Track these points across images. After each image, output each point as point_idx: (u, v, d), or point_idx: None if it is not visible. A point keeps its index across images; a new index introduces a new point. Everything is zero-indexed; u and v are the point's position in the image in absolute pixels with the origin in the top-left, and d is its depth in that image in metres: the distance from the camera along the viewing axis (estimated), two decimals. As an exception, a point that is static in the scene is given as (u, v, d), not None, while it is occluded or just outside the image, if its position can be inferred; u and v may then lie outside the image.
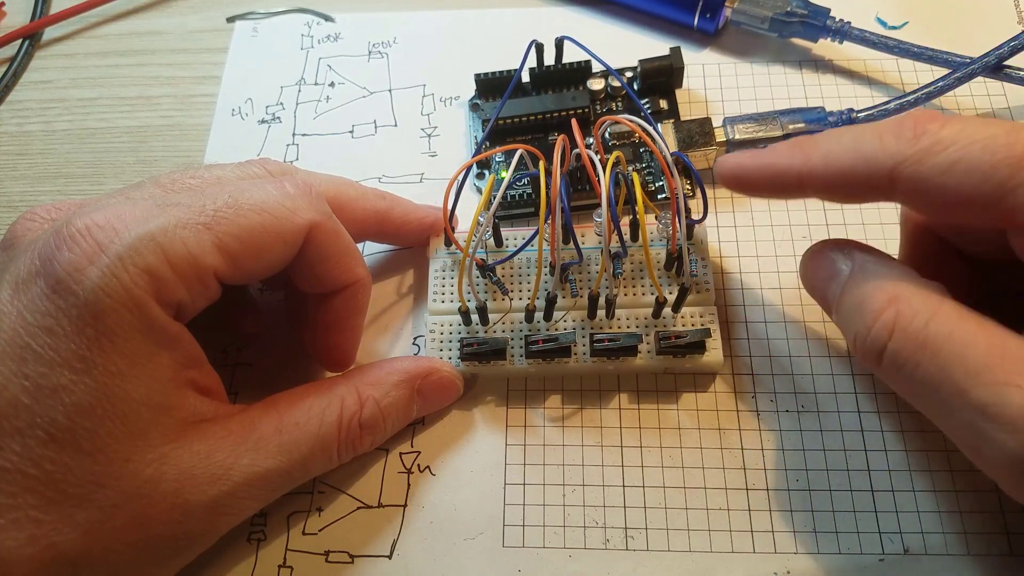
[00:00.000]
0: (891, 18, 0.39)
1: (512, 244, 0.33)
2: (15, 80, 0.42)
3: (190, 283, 0.24)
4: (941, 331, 0.21)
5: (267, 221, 0.25)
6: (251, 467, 0.25)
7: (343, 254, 0.28)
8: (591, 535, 0.29)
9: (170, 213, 0.24)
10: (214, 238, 0.24)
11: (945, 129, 0.22)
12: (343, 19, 0.42)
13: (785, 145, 0.26)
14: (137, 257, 0.23)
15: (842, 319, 0.25)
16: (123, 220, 0.23)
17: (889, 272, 0.24)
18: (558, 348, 0.29)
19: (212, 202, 0.25)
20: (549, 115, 0.36)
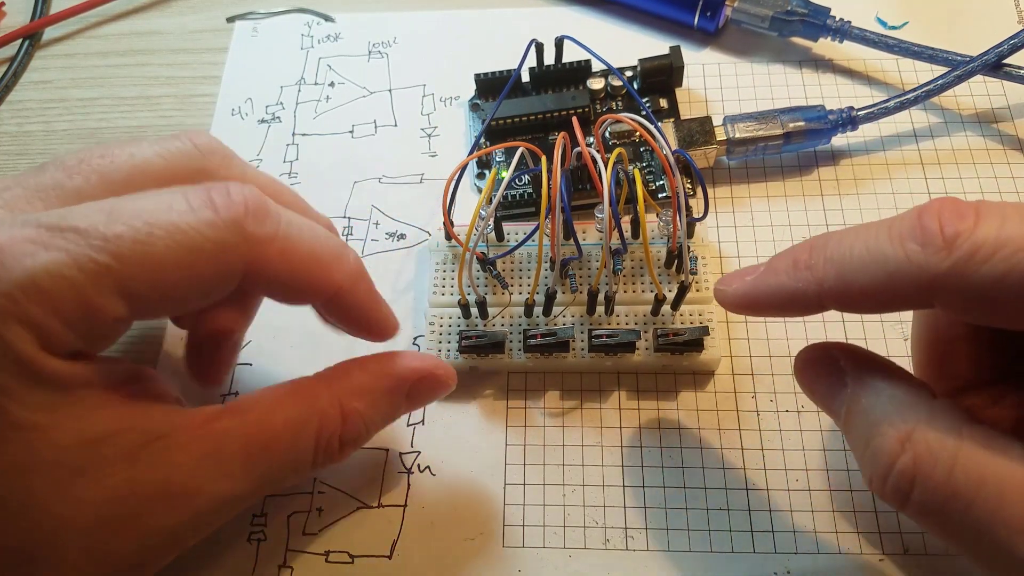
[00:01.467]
0: (891, 18, 0.39)
1: (514, 239, 0.33)
2: (15, 80, 0.42)
3: (83, 333, 0.20)
4: (970, 479, 0.19)
5: (185, 259, 0.20)
6: (214, 491, 0.22)
7: (307, 270, 0.23)
8: (591, 535, 0.29)
9: (61, 244, 0.19)
10: (114, 282, 0.20)
11: (980, 229, 0.19)
12: (343, 19, 0.42)
13: (787, 263, 0.23)
14: (15, 308, 0.19)
15: (852, 447, 0.22)
16: (3, 252, 0.19)
17: (897, 396, 0.21)
18: (556, 343, 0.29)
19: (116, 228, 0.20)
20: (549, 115, 0.36)
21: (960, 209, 0.19)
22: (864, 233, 0.21)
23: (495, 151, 0.36)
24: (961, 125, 0.36)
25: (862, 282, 0.21)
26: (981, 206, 0.19)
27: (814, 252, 0.22)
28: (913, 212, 0.20)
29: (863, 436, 0.21)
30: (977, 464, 0.19)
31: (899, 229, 0.20)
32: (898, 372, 0.23)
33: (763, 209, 0.35)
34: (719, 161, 0.36)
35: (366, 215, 0.36)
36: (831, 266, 0.22)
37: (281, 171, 0.38)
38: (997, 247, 0.18)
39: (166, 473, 0.21)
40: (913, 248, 0.20)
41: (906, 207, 0.34)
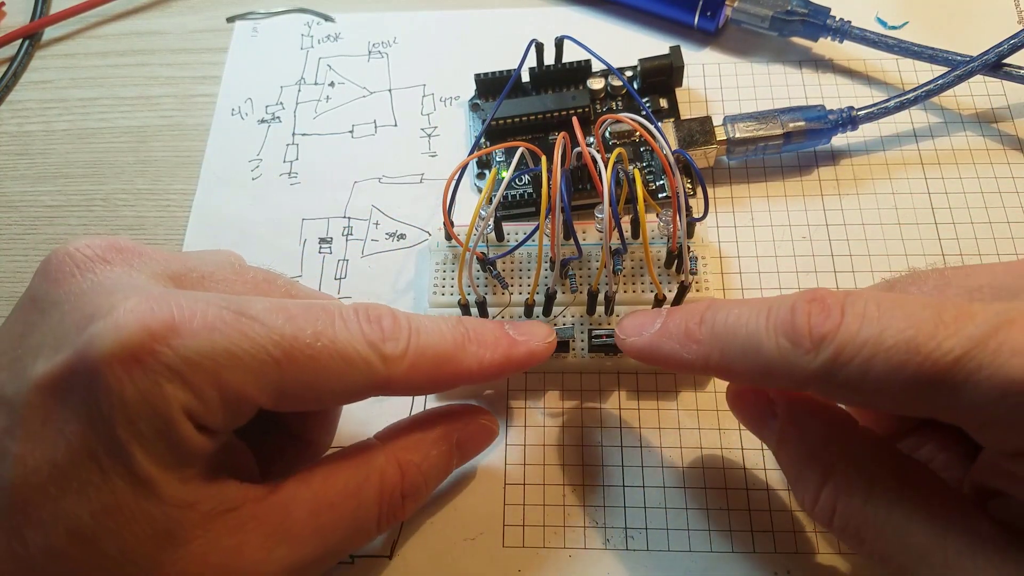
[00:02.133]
0: (891, 18, 0.39)
1: (514, 239, 0.32)
2: (15, 80, 0.42)
3: (228, 413, 0.21)
4: (880, 511, 0.21)
5: (341, 371, 0.22)
6: (285, 559, 0.23)
7: (434, 375, 0.25)
8: (591, 535, 0.29)
9: (244, 330, 0.21)
10: (278, 378, 0.21)
11: (842, 331, 0.20)
12: (343, 19, 0.42)
13: (680, 330, 0.24)
14: (188, 373, 0.20)
15: (784, 472, 0.25)
16: (189, 321, 0.21)
17: (822, 429, 0.23)
18: (556, 343, 0.29)
19: (293, 332, 0.22)
20: (549, 115, 0.36)
21: (828, 307, 0.20)
22: (747, 315, 0.22)
23: (495, 151, 0.36)
24: (961, 125, 0.36)
25: (741, 367, 0.22)
26: (846, 303, 0.20)
27: (703, 325, 0.23)
28: (787, 304, 0.21)
29: (794, 465, 0.24)
30: (887, 494, 0.21)
31: (775, 320, 0.21)
32: (824, 405, 0.24)
33: (763, 209, 0.35)
34: (719, 161, 0.36)
35: (366, 215, 0.36)
36: (716, 344, 0.23)
37: (281, 171, 0.38)
38: (857, 349, 0.19)
39: (240, 541, 0.22)
40: (784, 345, 0.21)
41: (906, 207, 0.34)
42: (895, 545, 0.21)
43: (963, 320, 0.18)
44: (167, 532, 0.21)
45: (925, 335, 0.18)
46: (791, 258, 0.33)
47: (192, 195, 0.37)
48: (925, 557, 0.20)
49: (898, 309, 0.19)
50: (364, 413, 0.31)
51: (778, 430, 0.24)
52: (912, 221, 0.34)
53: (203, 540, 0.22)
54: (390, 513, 0.25)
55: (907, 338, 0.19)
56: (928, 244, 0.33)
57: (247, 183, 0.37)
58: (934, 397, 0.19)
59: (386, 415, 0.31)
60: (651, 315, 0.25)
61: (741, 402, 0.26)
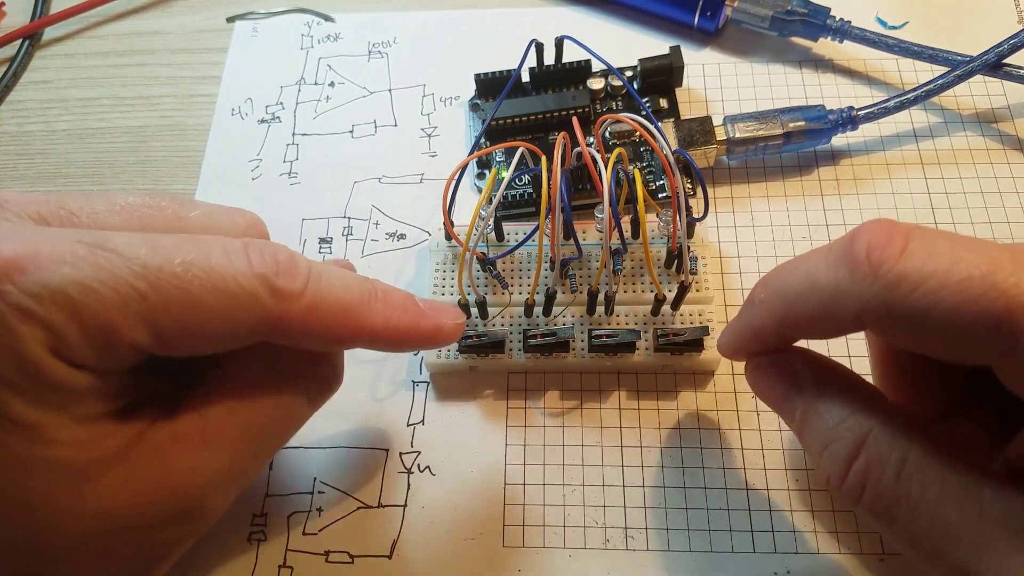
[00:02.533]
0: (891, 18, 0.39)
1: (514, 239, 0.33)
2: (15, 80, 0.42)
3: (99, 350, 0.20)
4: (913, 487, 0.20)
5: (219, 304, 0.21)
6: (216, 461, 0.22)
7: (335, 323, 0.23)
8: (591, 535, 0.29)
9: (100, 262, 0.20)
10: (144, 311, 0.20)
11: (907, 258, 0.19)
12: (343, 19, 0.42)
13: (747, 303, 0.24)
14: (39, 308, 0.19)
15: (808, 450, 0.23)
16: (38, 255, 0.19)
17: (853, 402, 0.22)
18: (556, 343, 0.29)
19: (158, 262, 0.20)
20: (549, 115, 0.36)
21: (891, 233, 0.19)
22: (807, 260, 0.21)
23: (495, 151, 0.36)
24: (961, 125, 0.36)
25: (803, 311, 0.22)
26: (913, 232, 0.19)
27: (766, 285, 0.23)
28: (847, 235, 0.20)
29: (820, 439, 0.22)
30: (921, 472, 0.20)
31: (834, 252, 0.20)
32: (854, 378, 0.24)
33: (763, 209, 0.35)
34: (719, 161, 0.36)
35: (366, 215, 0.36)
36: (777, 297, 0.22)
37: (281, 171, 0.38)
38: (922, 279, 0.18)
39: (162, 460, 0.22)
40: (842, 274, 0.20)
41: (906, 207, 0.34)
42: (927, 524, 0.20)
43: None
44: (73, 471, 0.20)
45: (1004, 272, 0.18)
46: (791, 258, 0.33)
47: (192, 195, 0.37)
48: (957, 537, 0.19)
49: (974, 246, 0.18)
50: (365, 414, 0.31)
51: (804, 402, 0.23)
52: (912, 221, 0.34)
53: (121, 469, 0.21)
54: (317, 384, 0.25)
55: (983, 273, 0.18)
56: (928, 244, 0.33)
57: (247, 183, 0.37)
58: (999, 340, 0.18)
59: (386, 415, 0.31)
60: None
61: (762, 375, 0.25)
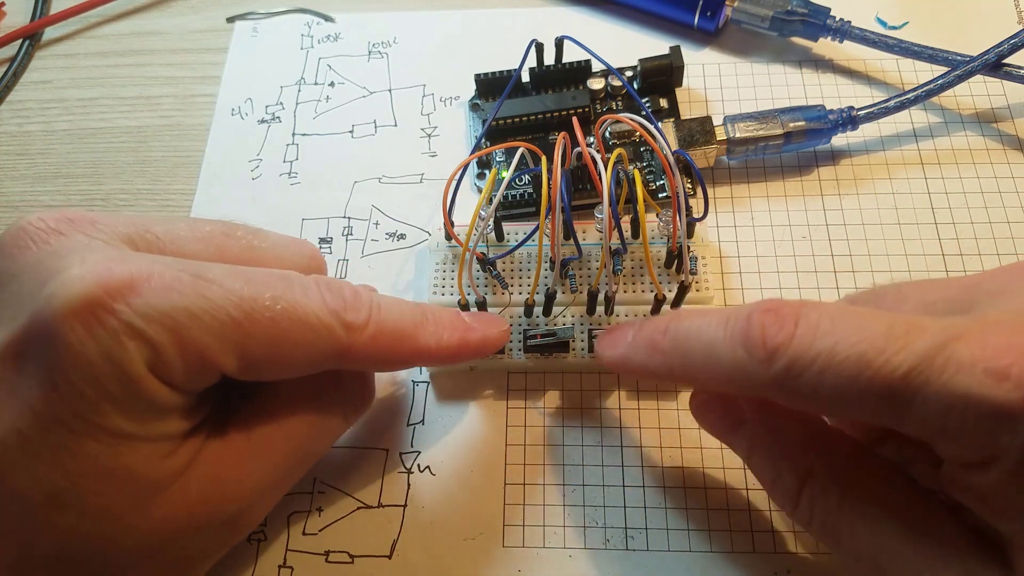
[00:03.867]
0: (891, 18, 0.39)
1: (514, 239, 0.32)
2: (15, 80, 0.42)
3: (191, 372, 0.22)
4: (855, 512, 0.22)
5: (303, 337, 0.23)
6: (261, 471, 0.24)
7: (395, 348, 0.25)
8: (591, 535, 0.29)
9: (205, 291, 0.21)
10: (239, 338, 0.22)
11: (796, 342, 0.20)
12: (343, 19, 0.42)
13: (647, 342, 0.24)
14: (149, 330, 0.20)
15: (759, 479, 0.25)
16: (150, 281, 0.21)
17: (796, 433, 0.24)
18: (556, 343, 0.29)
19: (253, 295, 0.22)
20: (549, 115, 0.36)
21: (781, 316, 0.20)
22: (706, 325, 0.22)
23: (495, 151, 0.36)
24: (961, 125, 0.36)
25: (702, 375, 0.23)
26: (800, 314, 0.20)
27: (667, 336, 0.24)
28: (744, 314, 0.21)
29: (768, 472, 0.24)
30: (862, 498, 0.22)
31: (732, 329, 0.21)
32: (794, 411, 0.24)
33: (763, 209, 0.35)
34: (719, 161, 0.36)
35: (366, 215, 0.36)
36: (677, 354, 0.23)
37: (281, 171, 0.38)
38: (810, 362, 0.20)
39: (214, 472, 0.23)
40: (741, 354, 0.21)
41: (906, 207, 0.34)
42: (869, 545, 0.21)
43: (913, 334, 0.19)
44: (147, 485, 0.22)
45: (875, 350, 0.19)
46: (791, 258, 0.33)
47: (192, 195, 0.37)
48: (897, 557, 0.21)
49: (851, 322, 0.20)
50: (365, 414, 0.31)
51: (749, 436, 0.25)
52: (912, 221, 0.34)
53: (181, 483, 0.23)
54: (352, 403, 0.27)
55: (858, 352, 0.19)
56: (928, 244, 0.33)
57: (247, 183, 0.37)
58: (887, 409, 0.19)
59: (386, 415, 0.31)
60: (625, 328, 0.26)
61: (707, 411, 0.26)
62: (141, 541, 0.22)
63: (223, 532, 0.25)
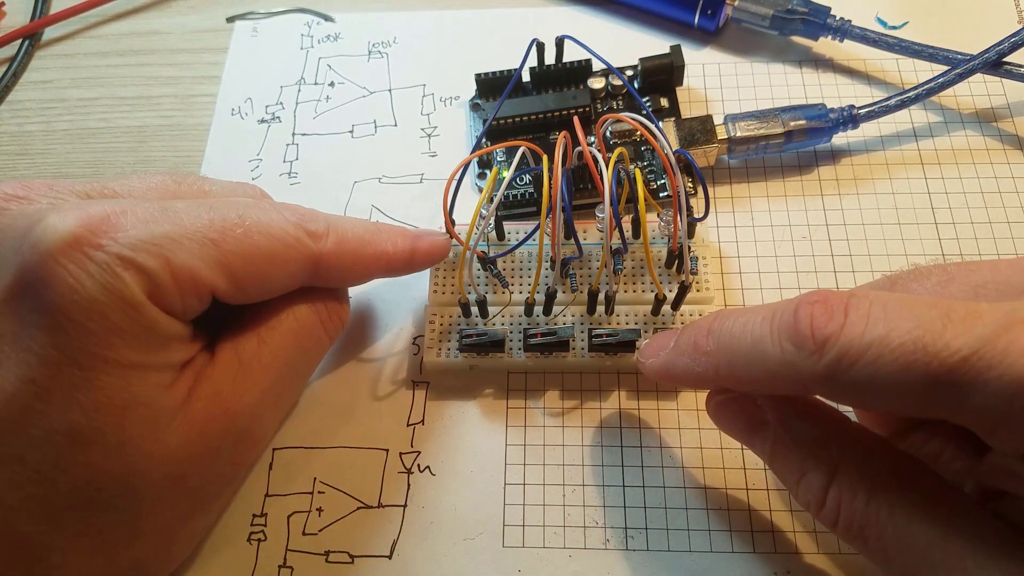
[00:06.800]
0: (891, 18, 0.39)
1: (514, 238, 0.32)
2: (15, 80, 0.42)
3: (186, 295, 0.23)
4: (883, 512, 0.21)
5: (275, 248, 0.25)
6: (257, 385, 0.26)
7: (360, 253, 0.28)
8: (591, 535, 0.28)
9: (177, 220, 0.23)
10: (220, 255, 0.23)
11: (846, 332, 0.19)
12: (343, 19, 0.42)
13: (689, 345, 0.24)
14: (139, 258, 0.22)
15: (782, 480, 0.24)
16: (125, 216, 0.22)
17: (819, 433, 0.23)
18: (556, 342, 0.29)
19: (221, 217, 0.24)
20: (550, 114, 0.35)
21: (831, 306, 0.20)
22: (752, 321, 0.22)
23: (496, 150, 0.36)
24: (961, 124, 0.36)
25: (749, 375, 0.22)
26: (850, 304, 0.20)
27: (711, 337, 0.23)
28: (791, 307, 0.21)
29: (794, 472, 0.23)
30: (889, 495, 0.21)
31: (779, 324, 0.21)
32: (817, 404, 0.24)
33: (763, 209, 0.35)
34: (719, 160, 0.36)
35: (366, 215, 0.36)
36: (723, 354, 0.23)
37: (281, 171, 0.38)
38: (862, 351, 0.19)
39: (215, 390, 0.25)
40: (788, 348, 0.21)
41: (906, 207, 0.34)
42: (897, 546, 0.21)
43: (971, 319, 0.18)
44: (159, 414, 0.23)
45: (933, 335, 0.18)
46: (791, 258, 0.33)
47: (192, 195, 0.37)
48: (926, 557, 0.20)
49: (904, 309, 0.19)
50: (365, 414, 0.31)
51: (772, 438, 0.24)
52: (912, 221, 0.34)
53: (187, 409, 0.24)
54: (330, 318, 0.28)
55: (914, 338, 0.18)
56: (928, 244, 0.33)
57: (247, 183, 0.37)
58: (942, 398, 0.19)
59: (386, 415, 0.31)
60: (667, 335, 0.26)
61: (725, 412, 0.26)
62: (162, 470, 0.23)
63: (235, 451, 0.26)
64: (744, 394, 0.25)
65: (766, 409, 0.24)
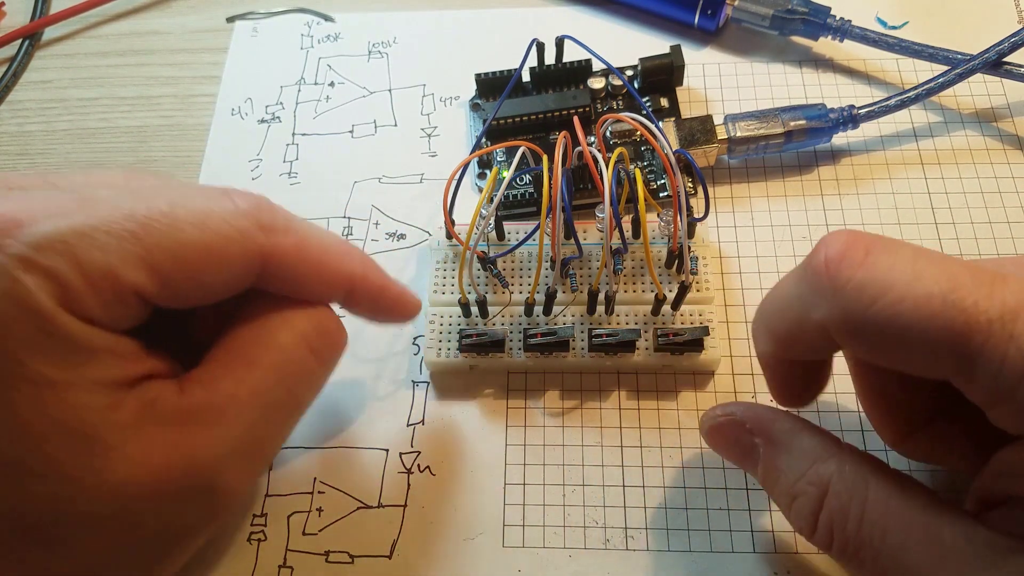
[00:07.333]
0: (891, 18, 0.39)
1: (514, 238, 0.32)
2: (15, 80, 0.42)
3: (104, 298, 0.20)
4: (876, 533, 0.21)
5: (209, 240, 0.21)
6: (231, 433, 0.22)
7: (322, 263, 0.24)
8: (591, 535, 0.28)
9: (90, 211, 0.20)
10: (140, 250, 0.20)
11: (865, 271, 0.19)
12: (343, 19, 0.42)
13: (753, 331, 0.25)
14: (40, 258, 0.19)
15: (776, 502, 0.24)
16: (31, 212, 0.19)
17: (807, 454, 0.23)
18: (556, 342, 0.29)
19: (145, 206, 0.21)
20: (550, 114, 0.36)
21: (850, 244, 0.19)
22: (783, 280, 0.22)
23: (496, 150, 0.36)
24: (961, 124, 0.36)
25: (782, 329, 0.22)
26: (875, 242, 0.19)
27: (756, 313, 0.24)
28: (815, 248, 0.20)
29: (785, 495, 0.23)
30: (881, 517, 0.21)
31: (800, 268, 0.20)
32: (805, 427, 0.24)
33: (763, 209, 0.35)
34: (719, 160, 0.36)
35: (366, 215, 0.36)
36: (762, 321, 0.23)
37: (281, 171, 0.38)
38: (882, 291, 0.18)
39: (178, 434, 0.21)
40: (805, 288, 0.20)
41: (906, 206, 0.34)
42: (893, 567, 0.21)
43: (998, 284, 0.18)
44: (90, 439, 0.20)
45: (965, 290, 0.18)
46: (791, 258, 0.33)
47: (192, 195, 0.37)
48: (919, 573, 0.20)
49: (935, 261, 0.19)
50: (365, 414, 0.31)
51: (762, 463, 0.24)
52: (912, 221, 0.34)
53: (137, 442, 0.20)
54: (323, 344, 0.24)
55: (943, 290, 0.18)
56: (928, 244, 0.33)
57: (247, 183, 0.37)
58: (957, 358, 0.18)
59: (386, 415, 0.31)
60: None
61: (717, 438, 0.26)
62: (100, 506, 0.20)
63: (200, 504, 0.22)
64: (733, 420, 0.25)
65: (755, 433, 0.24)
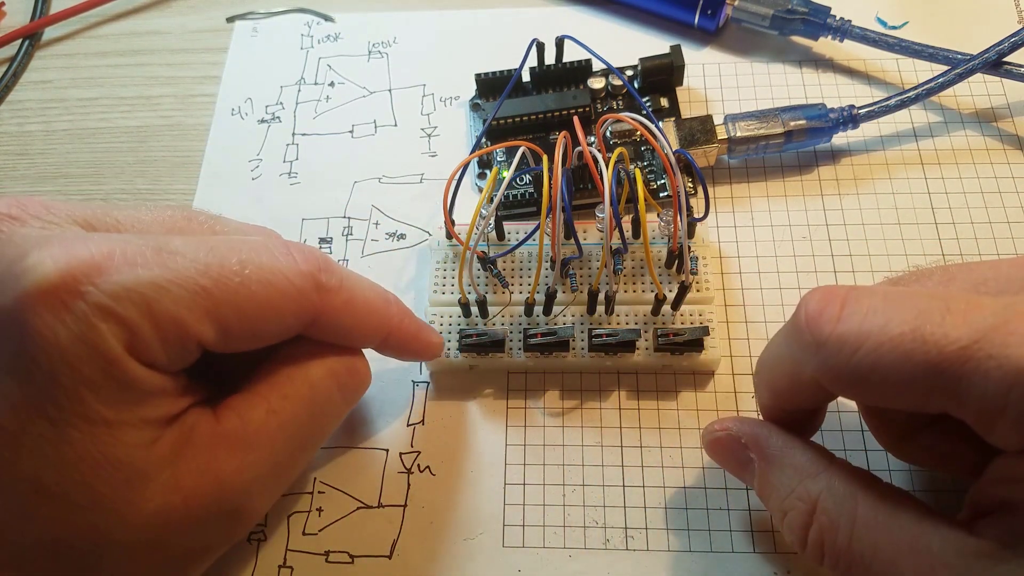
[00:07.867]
0: (891, 18, 0.39)
1: (514, 238, 0.32)
2: (15, 80, 0.42)
3: (170, 346, 0.21)
4: (866, 548, 0.21)
5: (273, 298, 0.23)
6: (259, 462, 0.24)
7: (366, 316, 0.26)
8: (591, 535, 0.28)
9: (167, 262, 0.21)
10: (210, 305, 0.21)
11: (843, 324, 0.20)
12: (343, 19, 0.42)
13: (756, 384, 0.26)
14: (119, 308, 0.20)
15: (771, 514, 0.24)
16: (111, 258, 0.20)
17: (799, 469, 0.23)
18: (556, 342, 0.29)
19: (218, 261, 0.22)
20: (550, 114, 0.36)
21: (827, 300, 0.20)
22: (776, 336, 0.23)
23: (496, 150, 0.36)
24: (961, 124, 0.36)
25: (778, 385, 0.23)
26: (848, 295, 0.20)
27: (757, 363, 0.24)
28: (797, 307, 0.21)
29: (777, 507, 0.24)
30: (871, 532, 0.21)
31: (788, 327, 0.21)
32: (797, 443, 0.24)
33: (763, 209, 0.35)
34: (719, 160, 0.36)
35: (366, 215, 0.36)
36: (761, 375, 0.24)
37: (281, 171, 0.38)
38: (860, 341, 0.19)
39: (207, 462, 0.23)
40: (794, 346, 0.21)
41: (906, 206, 0.34)
42: None
43: (972, 311, 0.18)
44: (135, 473, 0.21)
45: (933, 324, 0.18)
46: (791, 258, 0.33)
47: (192, 195, 0.37)
48: None
49: (905, 300, 0.19)
50: (365, 414, 0.31)
51: (757, 476, 0.25)
52: (912, 221, 0.34)
53: (172, 471, 0.22)
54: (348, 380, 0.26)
55: (913, 328, 0.19)
56: (928, 244, 0.33)
57: (247, 183, 0.37)
58: (942, 389, 0.19)
59: (386, 415, 0.31)
60: None
61: (716, 451, 0.26)
62: (135, 534, 0.22)
63: (224, 525, 0.24)
64: (730, 435, 0.25)
65: (750, 447, 0.25)
